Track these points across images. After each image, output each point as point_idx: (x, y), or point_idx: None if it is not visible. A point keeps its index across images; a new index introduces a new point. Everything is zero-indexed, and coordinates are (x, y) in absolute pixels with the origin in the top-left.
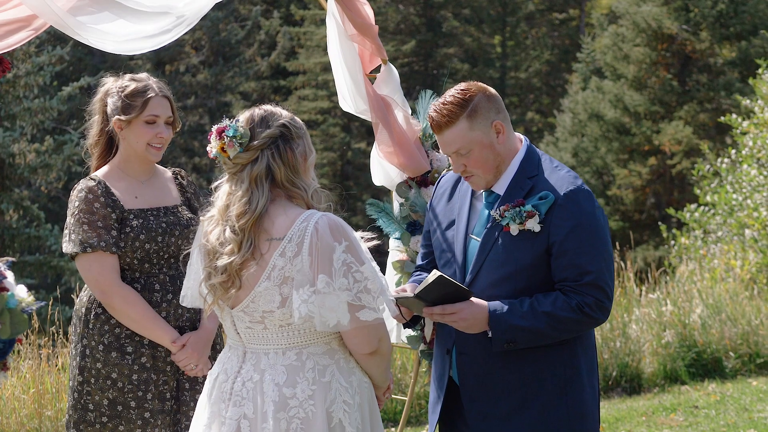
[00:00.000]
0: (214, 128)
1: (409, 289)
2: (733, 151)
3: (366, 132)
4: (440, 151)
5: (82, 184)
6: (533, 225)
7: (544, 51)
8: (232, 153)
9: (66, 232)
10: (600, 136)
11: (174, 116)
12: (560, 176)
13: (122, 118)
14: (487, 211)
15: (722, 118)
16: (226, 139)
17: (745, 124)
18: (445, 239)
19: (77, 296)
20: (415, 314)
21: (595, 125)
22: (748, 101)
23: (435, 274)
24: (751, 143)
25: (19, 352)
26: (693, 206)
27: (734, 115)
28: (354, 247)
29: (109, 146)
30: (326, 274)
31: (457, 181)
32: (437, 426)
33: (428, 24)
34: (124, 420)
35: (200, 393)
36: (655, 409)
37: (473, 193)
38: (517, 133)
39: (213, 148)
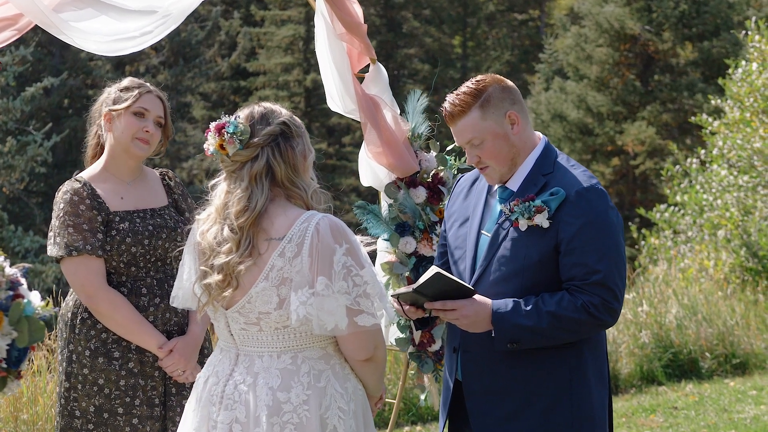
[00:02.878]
0: (213, 125)
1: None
2: (703, 151)
3: (326, 133)
4: (456, 142)
5: (67, 186)
6: (542, 220)
7: (505, 51)
8: (231, 150)
9: (51, 234)
10: (563, 137)
11: (166, 119)
12: (575, 174)
13: (113, 108)
14: (499, 207)
15: (693, 118)
16: (225, 136)
17: (716, 124)
18: (459, 235)
19: (52, 298)
20: (424, 316)
21: (558, 126)
22: (718, 101)
23: (433, 270)
24: (720, 143)
25: None
26: (663, 206)
27: (704, 115)
28: (354, 250)
29: (101, 151)
30: (326, 277)
31: (475, 180)
32: (446, 426)
33: (389, 24)
34: (110, 427)
35: (187, 398)
36: (635, 410)
37: (489, 190)
38: (536, 132)
39: (211, 145)
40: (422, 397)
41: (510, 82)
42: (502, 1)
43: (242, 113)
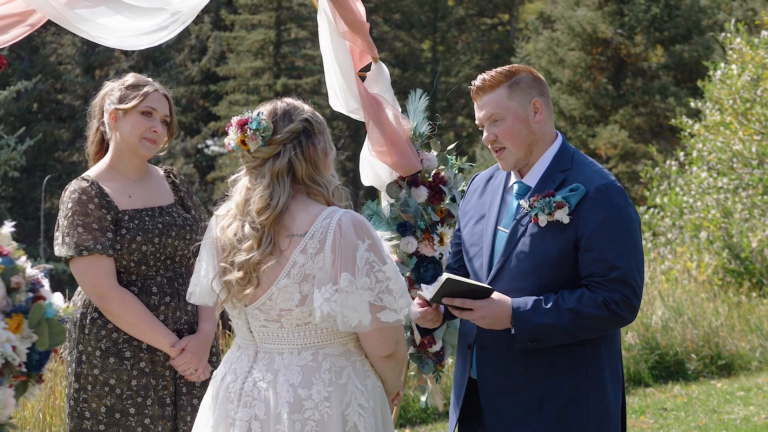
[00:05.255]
0: (235, 120)
1: (424, 293)
2: (682, 154)
3: None
4: (476, 119)
5: (75, 185)
6: (562, 216)
7: (475, 56)
8: (253, 146)
9: (58, 234)
10: None
11: (171, 118)
12: (593, 171)
13: (120, 107)
14: (516, 203)
15: (673, 120)
16: (248, 132)
17: (697, 126)
18: (475, 232)
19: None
20: (438, 324)
21: None
22: (698, 103)
23: (444, 276)
24: (700, 145)
25: None
26: (642, 209)
27: (684, 117)
28: (376, 245)
29: (104, 147)
30: (349, 273)
31: (489, 178)
32: (457, 424)
33: None
34: (122, 427)
35: (198, 397)
36: None
37: (505, 187)
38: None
39: (232, 140)
40: (423, 398)
41: (541, 76)
42: (472, 6)
43: (265, 109)
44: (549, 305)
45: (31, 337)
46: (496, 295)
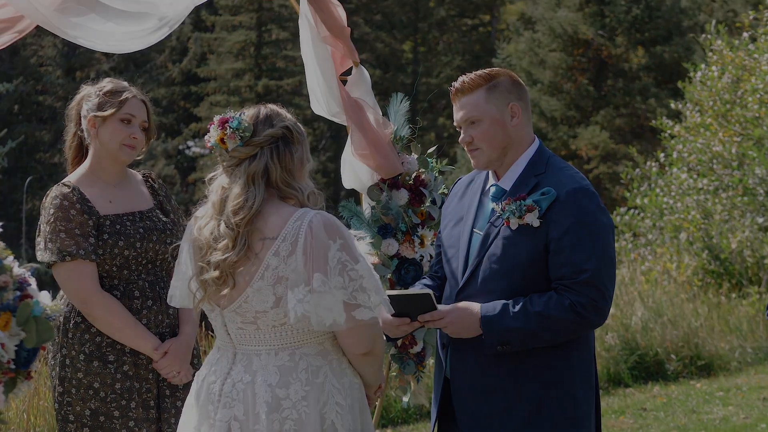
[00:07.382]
0: (217, 118)
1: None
2: (662, 155)
3: None
4: (454, 120)
5: (56, 191)
6: (532, 219)
7: (456, 57)
8: (231, 145)
9: (40, 240)
10: None
11: (149, 123)
12: (566, 175)
13: (98, 114)
14: (491, 206)
15: (654, 121)
16: (228, 130)
17: (677, 128)
18: (453, 235)
19: None
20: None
21: None
22: (679, 104)
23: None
24: (680, 147)
25: None
26: (623, 209)
27: (665, 119)
28: (348, 245)
29: (82, 152)
30: (322, 273)
31: (470, 182)
32: (436, 423)
33: None
34: (107, 430)
35: (181, 400)
36: (604, 412)
37: (483, 190)
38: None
39: (212, 137)
40: (405, 399)
41: (521, 81)
42: (453, 6)
43: (248, 111)
44: (517, 309)
45: (19, 335)
46: (462, 302)
